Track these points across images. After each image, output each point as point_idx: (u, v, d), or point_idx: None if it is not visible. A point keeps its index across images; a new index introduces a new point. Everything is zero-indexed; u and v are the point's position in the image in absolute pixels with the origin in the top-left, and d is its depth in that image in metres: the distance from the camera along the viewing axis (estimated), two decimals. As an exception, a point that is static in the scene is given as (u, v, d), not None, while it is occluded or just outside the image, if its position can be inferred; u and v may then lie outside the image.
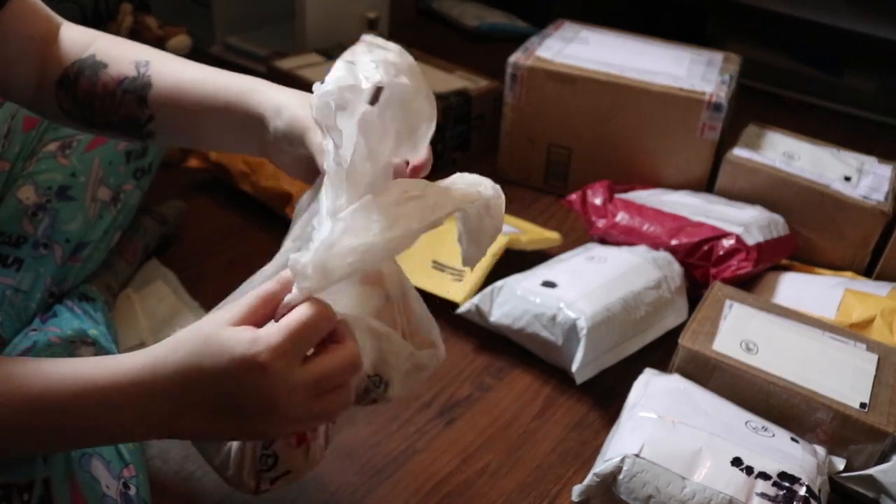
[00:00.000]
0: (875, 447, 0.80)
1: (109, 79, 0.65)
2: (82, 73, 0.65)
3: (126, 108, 0.65)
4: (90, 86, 0.65)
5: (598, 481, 0.74)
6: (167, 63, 0.65)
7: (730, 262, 1.03)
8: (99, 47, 0.66)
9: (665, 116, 1.22)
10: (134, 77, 0.64)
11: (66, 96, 0.66)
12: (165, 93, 0.64)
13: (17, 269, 0.80)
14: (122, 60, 0.65)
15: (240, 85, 0.62)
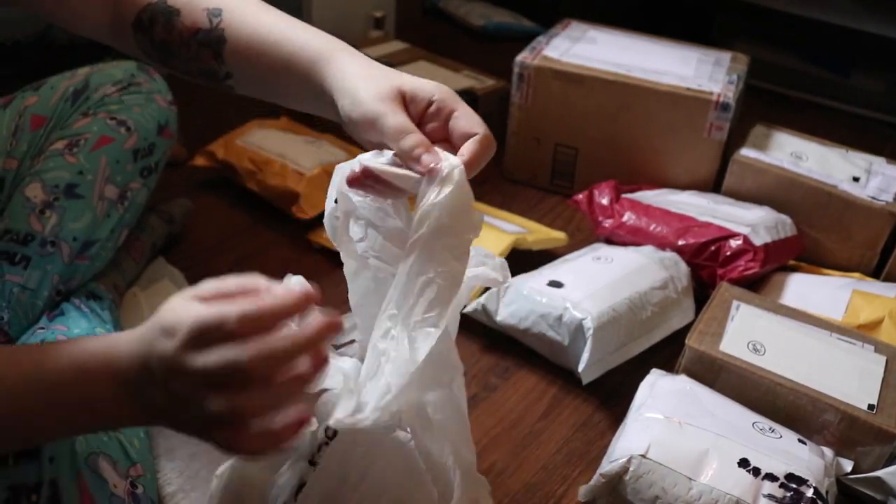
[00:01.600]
0: (883, 449, 0.80)
1: (184, 27, 0.63)
2: (156, 18, 0.64)
3: (203, 61, 0.64)
4: (165, 33, 0.64)
5: (604, 482, 0.74)
6: (240, 13, 0.62)
7: (737, 263, 1.03)
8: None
9: (672, 116, 1.22)
10: (208, 29, 0.62)
11: (144, 40, 0.65)
12: (241, 51, 0.62)
13: (24, 267, 0.80)
14: (194, 7, 0.63)
15: (315, 51, 0.59)
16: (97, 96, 0.91)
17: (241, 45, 0.62)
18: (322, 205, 1.14)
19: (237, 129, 1.27)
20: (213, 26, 0.62)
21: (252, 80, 0.63)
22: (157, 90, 0.96)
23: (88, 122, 0.88)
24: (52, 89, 0.91)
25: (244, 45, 0.61)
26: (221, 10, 0.62)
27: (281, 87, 0.62)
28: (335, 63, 0.58)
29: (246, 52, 0.61)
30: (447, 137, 0.57)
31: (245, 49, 0.61)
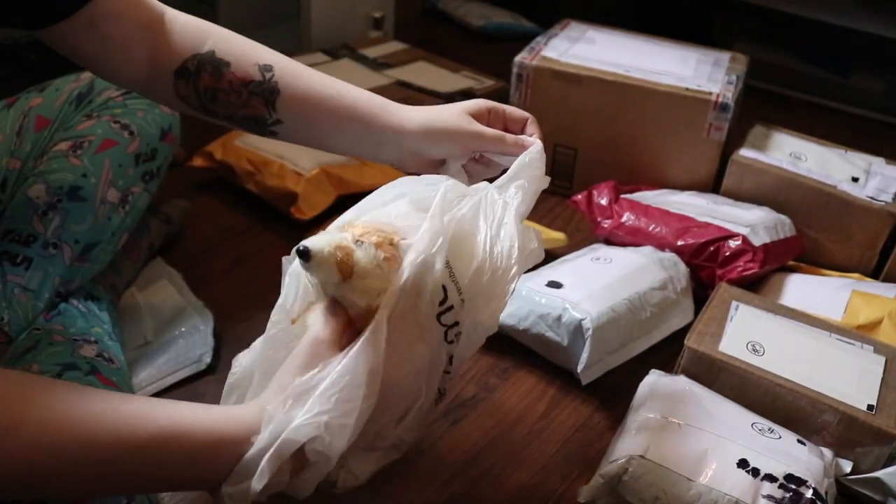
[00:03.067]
0: (882, 450, 0.79)
1: (234, 78, 0.69)
2: (204, 67, 0.69)
3: (252, 107, 0.70)
4: (214, 81, 0.69)
5: (604, 483, 0.74)
6: (293, 71, 0.70)
7: (736, 263, 1.03)
8: (217, 43, 0.70)
9: (671, 117, 1.22)
10: (260, 81, 0.69)
11: (186, 86, 0.69)
12: (297, 102, 0.69)
13: (26, 268, 0.80)
14: (244, 62, 0.69)
15: (380, 102, 0.71)
16: (101, 99, 0.91)
17: (298, 96, 0.70)
18: (321, 205, 1.15)
19: (235, 130, 1.27)
20: (265, 79, 0.69)
21: (303, 128, 0.71)
22: None
23: (92, 125, 0.88)
24: (57, 91, 0.91)
25: (300, 97, 0.70)
26: (273, 67, 0.70)
27: (336, 134, 0.71)
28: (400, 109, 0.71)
29: (303, 103, 0.70)
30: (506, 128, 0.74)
31: (301, 100, 0.70)
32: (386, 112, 0.70)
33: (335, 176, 1.18)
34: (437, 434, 0.86)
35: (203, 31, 0.71)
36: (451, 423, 0.88)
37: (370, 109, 0.70)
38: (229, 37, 0.71)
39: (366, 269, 0.57)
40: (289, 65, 0.71)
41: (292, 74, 0.70)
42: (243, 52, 0.70)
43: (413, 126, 0.70)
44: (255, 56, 0.70)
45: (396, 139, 0.70)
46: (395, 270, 0.57)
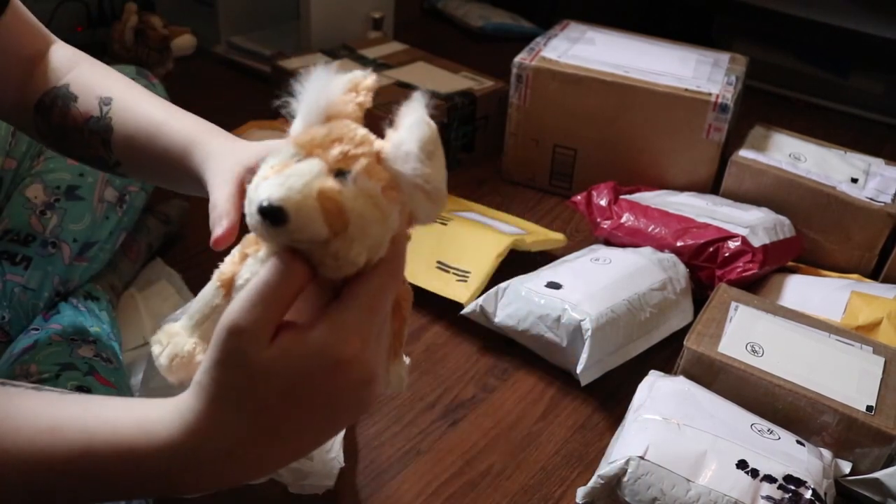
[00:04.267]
0: (881, 451, 0.79)
1: (78, 114, 0.63)
2: (55, 102, 0.64)
3: (93, 148, 0.64)
4: (61, 118, 0.64)
5: (603, 483, 0.74)
6: (125, 103, 0.63)
7: (735, 264, 1.03)
8: (74, 77, 0.65)
9: (671, 117, 1.22)
10: (98, 118, 0.63)
11: (43, 122, 0.65)
12: (125, 141, 0.62)
13: (25, 268, 0.80)
14: (89, 95, 0.63)
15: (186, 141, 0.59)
16: None
17: (127, 134, 0.62)
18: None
19: (235, 131, 1.27)
20: (102, 115, 0.63)
21: (139, 169, 0.64)
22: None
23: None
24: None
25: (129, 135, 0.62)
26: (112, 99, 0.63)
27: (165, 176, 0.62)
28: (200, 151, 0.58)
29: (130, 142, 0.62)
30: None
31: (129, 139, 0.62)
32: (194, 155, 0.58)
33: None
34: (436, 435, 0.86)
35: (73, 62, 0.66)
36: (451, 423, 0.88)
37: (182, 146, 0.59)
38: (92, 70, 0.66)
39: (363, 217, 0.38)
40: (127, 96, 0.63)
41: (124, 107, 0.62)
42: (95, 83, 0.64)
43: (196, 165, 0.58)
44: (102, 88, 0.63)
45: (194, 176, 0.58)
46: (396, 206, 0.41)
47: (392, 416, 0.88)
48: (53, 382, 0.69)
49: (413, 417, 0.88)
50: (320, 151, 0.39)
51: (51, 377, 0.69)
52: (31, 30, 0.66)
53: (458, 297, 1.00)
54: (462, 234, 1.08)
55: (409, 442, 0.85)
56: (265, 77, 1.57)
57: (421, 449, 0.84)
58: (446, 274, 1.03)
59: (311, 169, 0.38)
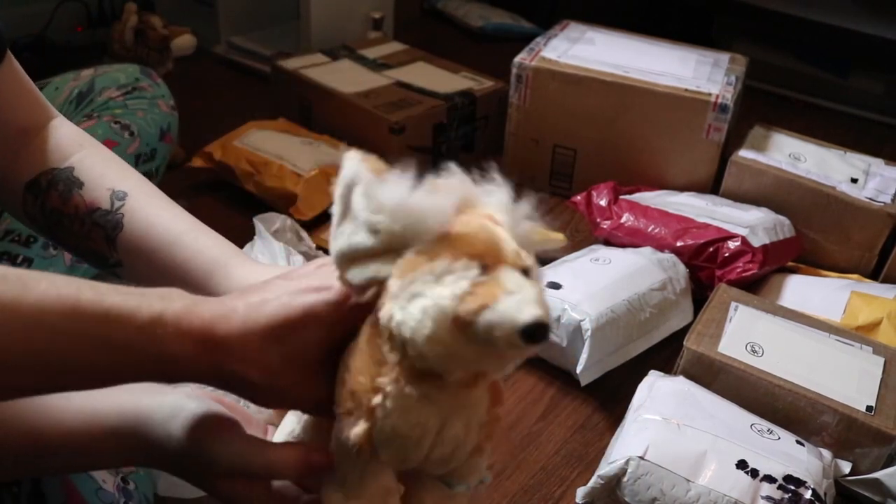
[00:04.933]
0: (881, 451, 0.79)
1: (81, 202, 0.58)
2: (55, 185, 0.58)
3: (94, 241, 0.59)
4: (60, 202, 0.58)
5: (603, 483, 0.74)
6: (144, 204, 0.58)
7: (735, 264, 1.03)
8: (81, 160, 0.60)
9: (671, 117, 1.22)
10: (106, 211, 0.57)
11: (34, 203, 0.59)
12: (134, 243, 0.57)
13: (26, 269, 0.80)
14: (99, 185, 0.58)
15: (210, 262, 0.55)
16: (101, 99, 0.91)
17: (137, 236, 0.57)
18: (320, 206, 1.14)
19: (235, 131, 1.27)
20: (112, 209, 0.57)
21: (143, 276, 0.58)
22: (160, 95, 0.96)
23: (93, 125, 0.88)
24: (57, 90, 0.91)
25: (139, 237, 0.57)
26: (126, 195, 0.58)
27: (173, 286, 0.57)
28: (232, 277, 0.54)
29: (140, 246, 0.57)
30: None
31: (139, 241, 0.57)
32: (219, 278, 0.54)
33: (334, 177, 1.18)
34: (436, 435, 0.86)
35: (78, 145, 0.60)
36: (451, 423, 0.88)
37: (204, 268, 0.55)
38: (100, 158, 0.60)
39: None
40: (144, 195, 0.58)
41: (141, 207, 0.57)
42: (103, 173, 0.59)
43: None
44: (115, 181, 0.58)
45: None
46: None
47: (392, 416, 0.88)
48: None
49: (413, 417, 0.88)
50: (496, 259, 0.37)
51: None
52: (30, 97, 0.61)
53: (458, 298, 1.00)
54: (462, 235, 1.08)
55: (409, 442, 0.85)
56: (265, 77, 1.57)
57: (421, 449, 0.84)
58: (446, 274, 1.03)
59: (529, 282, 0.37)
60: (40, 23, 1.60)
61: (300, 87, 1.40)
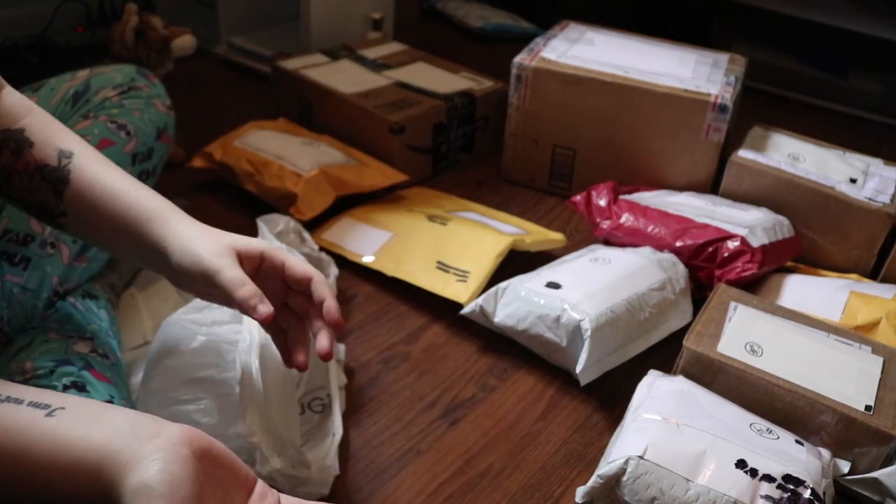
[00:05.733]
0: (880, 450, 0.80)
1: (32, 159, 0.65)
2: (6, 144, 0.66)
3: (41, 195, 0.66)
4: (13, 160, 0.66)
5: (602, 483, 0.74)
6: (89, 162, 0.66)
7: (734, 264, 1.03)
8: (31, 123, 0.67)
9: (670, 118, 1.22)
10: (54, 168, 0.65)
11: None
12: (80, 196, 0.65)
13: (24, 268, 0.80)
14: (47, 144, 0.66)
15: (151, 209, 0.65)
16: (97, 99, 0.91)
17: (83, 188, 0.65)
18: (320, 206, 1.15)
19: (235, 131, 1.27)
20: (60, 165, 0.65)
21: (84, 224, 0.67)
22: (156, 95, 0.96)
23: (89, 125, 0.88)
24: (53, 91, 0.91)
25: (85, 190, 0.65)
26: (73, 154, 0.66)
27: (111, 236, 0.66)
28: (172, 223, 0.64)
29: (85, 197, 0.65)
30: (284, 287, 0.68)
31: (85, 193, 0.65)
32: (157, 223, 0.64)
33: (334, 177, 1.18)
34: (435, 434, 0.86)
35: (27, 109, 0.68)
36: (450, 423, 0.88)
37: (143, 216, 0.64)
38: (47, 121, 0.68)
39: None
40: (90, 156, 0.67)
41: (86, 164, 0.66)
42: (53, 134, 0.67)
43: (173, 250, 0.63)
44: (61, 141, 0.67)
45: (162, 255, 0.64)
46: None
47: (392, 415, 0.88)
48: (48, 379, 0.69)
49: (413, 417, 0.88)
50: None
51: (45, 373, 0.70)
52: None
53: (458, 297, 1.00)
54: (462, 234, 1.08)
55: (409, 441, 0.85)
56: (265, 77, 1.57)
57: (420, 448, 0.84)
58: (446, 274, 1.03)
59: None
60: (41, 23, 1.60)
61: (300, 87, 1.40)
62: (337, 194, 1.17)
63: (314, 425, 0.82)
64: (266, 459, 0.71)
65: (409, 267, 1.05)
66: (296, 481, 0.72)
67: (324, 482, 0.75)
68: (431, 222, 1.12)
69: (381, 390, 0.92)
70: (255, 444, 0.71)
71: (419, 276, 1.04)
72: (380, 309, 1.05)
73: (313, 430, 0.81)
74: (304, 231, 1.04)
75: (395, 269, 1.06)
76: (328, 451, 0.77)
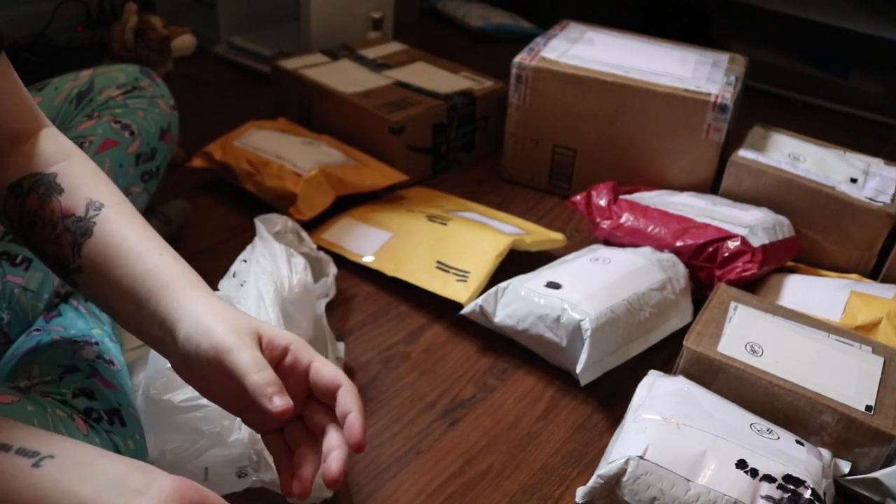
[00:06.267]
0: (880, 450, 0.80)
1: (58, 207, 0.60)
2: (37, 188, 0.61)
3: (61, 246, 0.60)
4: (38, 205, 0.60)
5: (602, 483, 0.74)
6: (116, 217, 0.60)
7: (735, 264, 1.03)
8: (65, 169, 0.62)
9: (670, 117, 1.22)
10: (80, 217, 0.59)
11: (14, 204, 0.61)
12: (99, 252, 0.58)
13: (25, 269, 0.80)
14: (78, 193, 0.60)
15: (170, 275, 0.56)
16: (101, 99, 0.91)
17: (102, 244, 0.58)
18: (320, 206, 1.15)
19: (235, 131, 1.27)
20: (85, 217, 0.59)
21: (97, 283, 0.59)
22: (159, 95, 0.96)
23: (93, 125, 0.88)
24: (56, 90, 0.91)
25: (104, 246, 0.58)
26: (102, 206, 0.60)
27: (121, 301, 0.58)
28: (189, 292, 0.55)
29: (103, 254, 0.58)
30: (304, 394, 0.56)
31: (104, 250, 0.58)
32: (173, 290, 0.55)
33: (334, 177, 1.18)
34: (435, 434, 0.86)
35: (64, 154, 0.63)
36: (450, 423, 0.88)
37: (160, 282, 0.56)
38: (85, 169, 0.62)
39: None
40: (120, 211, 0.60)
41: (113, 219, 0.59)
42: (83, 183, 0.61)
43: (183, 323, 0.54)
44: (94, 192, 0.60)
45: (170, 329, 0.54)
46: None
47: (392, 415, 0.88)
48: (55, 386, 0.69)
49: (413, 417, 0.88)
50: None
51: (53, 380, 0.69)
52: (23, 105, 0.63)
53: (458, 297, 1.00)
54: (462, 234, 1.08)
55: (409, 441, 0.85)
56: (265, 77, 1.57)
57: (420, 448, 0.84)
58: (446, 274, 1.03)
59: None
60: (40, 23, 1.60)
61: (300, 87, 1.40)
62: (337, 194, 1.17)
63: None
64: (268, 467, 0.71)
65: (409, 267, 1.05)
66: None
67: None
68: (431, 222, 1.12)
69: (381, 390, 0.92)
70: (257, 451, 0.71)
71: (419, 276, 1.04)
72: (380, 309, 1.05)
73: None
74: (303, 231, 1.04)
75: (395, 269, 1.06)
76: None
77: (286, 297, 0.81)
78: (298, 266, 0.88)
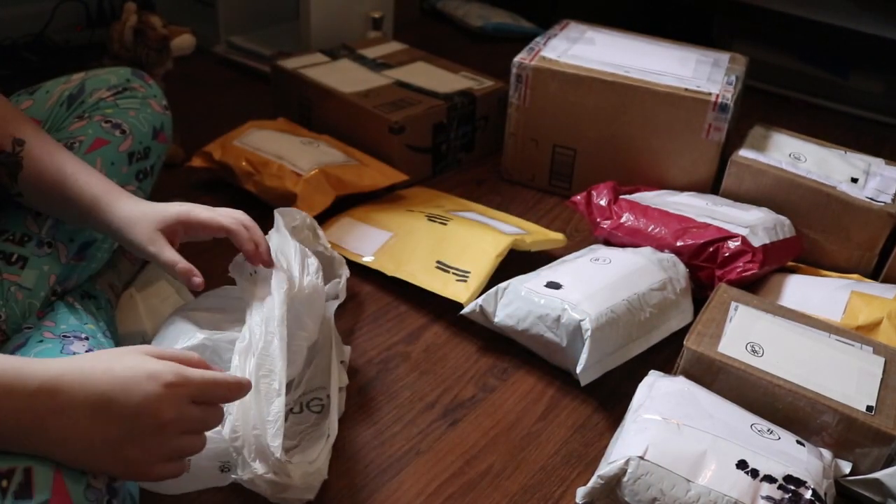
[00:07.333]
0: (881, 451, 0.79)
1: None
2: None
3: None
4: None
5: (603, 483, 0.74)
6: (39, 149, 0.76)
7: (735, 264, 1.03)
8: None
9: (670, 117, 1.22)
10: (9, 153, 0.75)
11: None
12: (33, 180, 0.76)
13: (20, 267, 0.80)
14: (2, 133, 0.75)
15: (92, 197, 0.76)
16: (92, 100, 0.91)
17: (34, 174, 0.76)
18: (319, 206, 1.15)
19: (234, 131, 1.27)
20: (13, 152, 0.76)
21: (40, 203, 0.80)
22: (151, 95, 0.95)
23: (83, 125, 0.88)
24: (48, 93, 0.91)
25: (36, 176, 0.77)
26: (24, 142, 0.76)
27: (64, 216, 0.80)
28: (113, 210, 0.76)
29: (37, 182, 0.77)
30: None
31: (36, 179, 0.77)
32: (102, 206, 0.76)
33: (334, 176, 1.18)
34: (435, 435, 0.86)
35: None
36: (450, 423, 0.88)
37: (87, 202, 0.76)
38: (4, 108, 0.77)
39: None
40: (41, 144, 0.77)
41: (38, 154, 0.76)
42: (8, 122, 0.76)
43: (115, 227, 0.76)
44: (16, 129, 0.76)
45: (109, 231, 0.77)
46: None
47: (392, 415, 0.88)
48: None
49: (413, 417, 0.88)
50: None
51: None
52: None
53: (458, 297, 1.00)
54: (462, 234, 1.08)
55: (409, 442, 0.85)
56: (265, 77, 1.57)
57: (420, 449, 0.84)
58: (446, 274, 1.03)
59: None
60: (40, 23, 1.60)
61: (300, 87, 1.40)
62: (337, 194, 1.17)
63: (310, 425, 0.82)
64: (247, 464, 0.71)
65: (409, 267, 1.05)
66: (278, 487, 0.72)
67: (308, 488, 0.74)
68: (431, 222, 1.12)
69: (381, 390, 0.91)
70: (237, 448, 0.70)
71: (419, 276, 1.04)
72: (380, 309, 1.05)
73: (309, 430, 0.81)
74: (319, 228, 1.03)
75: (395, 269, 1.06)
76: (319, 454, 0.76)
77: (296, 295, 0.81)
78: (311, 268, 0.87)
